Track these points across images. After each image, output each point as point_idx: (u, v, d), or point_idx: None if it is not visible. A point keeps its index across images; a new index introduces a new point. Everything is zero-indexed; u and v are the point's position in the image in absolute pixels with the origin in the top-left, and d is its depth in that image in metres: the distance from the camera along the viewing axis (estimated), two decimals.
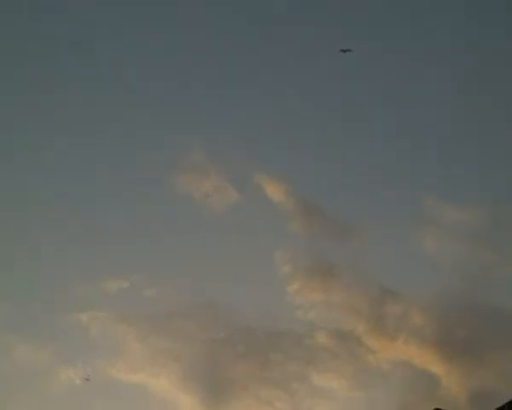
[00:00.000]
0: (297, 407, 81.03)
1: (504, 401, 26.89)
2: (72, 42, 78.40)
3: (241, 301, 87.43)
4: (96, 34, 79.76)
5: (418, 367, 65.34)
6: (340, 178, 77.27)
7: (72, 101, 78.53)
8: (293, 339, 74.30)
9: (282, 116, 78.54)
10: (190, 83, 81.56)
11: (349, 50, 55.71)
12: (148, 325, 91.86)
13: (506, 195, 71.88)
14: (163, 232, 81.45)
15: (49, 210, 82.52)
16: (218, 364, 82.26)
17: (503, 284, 61.86)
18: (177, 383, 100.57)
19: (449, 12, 73.58)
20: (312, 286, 75.89)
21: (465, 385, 60.44)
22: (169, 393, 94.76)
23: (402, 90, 76.60)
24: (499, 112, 71.26)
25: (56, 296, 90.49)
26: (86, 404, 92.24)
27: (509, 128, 69.75)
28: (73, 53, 79.42)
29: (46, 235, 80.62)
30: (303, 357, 75.83)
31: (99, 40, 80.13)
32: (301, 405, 77.89)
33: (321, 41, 76.87)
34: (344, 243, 79.58)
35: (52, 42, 79.84)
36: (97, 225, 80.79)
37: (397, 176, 75.67)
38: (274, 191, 73.91)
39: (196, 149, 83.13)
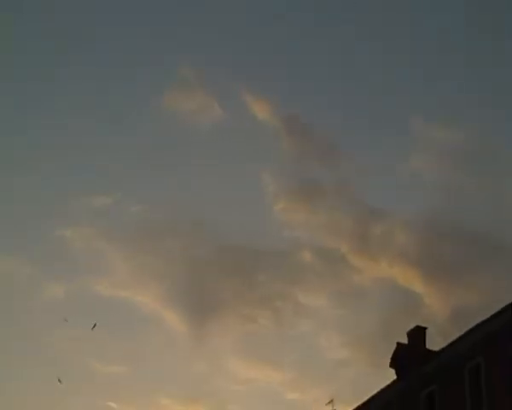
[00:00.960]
0: (281, 324, 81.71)
1: (481, 318, 27.50)
2: None
3: (227, 219, 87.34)
4: None
5: (401, 286, 66.04)
6: (326, 97, 76.84)
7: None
8: (277, 258, 74.53)
9: (268, 34, 76.99)
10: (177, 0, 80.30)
11: None
12: (133, 242, 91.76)
13: (493, 115, 72.01)
14: (149, 150, 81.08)
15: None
16: (202, 282, 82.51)
17: (487, 207, 62.43)
18: (161, 301, 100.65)
19: None
20: (298, 206, 76.15)
21: (446, 304, 61.16)
22: (154, 310, 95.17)
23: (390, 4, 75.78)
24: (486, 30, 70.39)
25: (41, 212, 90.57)
26: (70, 320, 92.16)
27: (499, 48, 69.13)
28: None
29: (31, 150, 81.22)
30: (287, 275, 76.22)
31: None
32: (285, 322, 78.53)
33: None
34: (330, 164, 79.94)
35: None
36: (83, 141, 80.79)
37: (384, 94, 74.86)
38: (260, 110, 73.49)
39: (183, 66, 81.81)
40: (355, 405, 34.35)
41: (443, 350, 29.90)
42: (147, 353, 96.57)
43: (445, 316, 59.61)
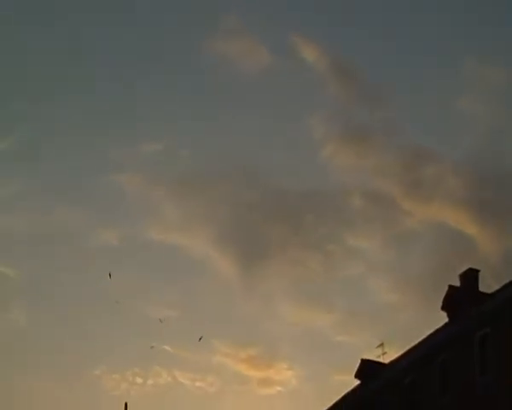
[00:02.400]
0: (330, 267, 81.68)
1: None
2: None
3: (276, 164, 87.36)
4: None
5: (452, 229, 65.21)
6: (376, 40, 75.54)
7: None
8: (327, 202, 74.21)
9: None
10: None
11: None
12: (184, 187, 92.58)
13: None
14: (197, 96, 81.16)
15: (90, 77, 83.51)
16: (252, 226, 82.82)
17: None
18: (212, 245, 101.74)
19: None
20: (346, 150, 75.47)
21: (499, 246, 60.22)
22: (204, 254, 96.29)
23: None
24: None
25: (94, 159, 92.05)
26: (123, 264, 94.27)
27: None
28: None
29: (84, 98, 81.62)
30: (337, 219, 75.91)
31: None
32: (335, 265, 78.50)
33: None
34: (379, 107, 78.66)
35: None
36: (137, 88, 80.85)
37: (437, 36, 73.28)
38: (309, 54, 72.44)
39: (230, 11, 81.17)
40: (405, 348, 34.09)
41: (496, 293, 29.33)
42: (198, 297, 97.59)
43: (498, 258, 58.54)
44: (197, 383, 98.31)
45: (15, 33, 79.55)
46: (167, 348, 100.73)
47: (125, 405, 61.44)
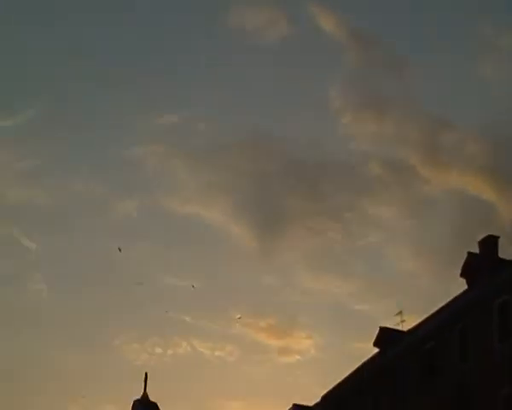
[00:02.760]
0: (349, 236, 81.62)
1: None
2: None
3: (294, 133, 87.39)
4: None
5: (472, 195, 64.94)
6: (393, 7, 75.19)
7: None
8: (345, 170, 73.99)
9: None
10: None
11: None
12: (202, 158, 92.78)
13: None
14: (217, 67, 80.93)
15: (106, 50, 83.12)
16: (270, 196, 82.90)
17: None
18: (230, 216, 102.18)
19: None
20: (365, 118, 75.05)
21: None
22: (223, 225, 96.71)
23: None
24: None
25: (112, 131, 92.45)
26: (142, 235, 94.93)
27: None
28: None
29: (100, 71, 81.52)
30: (355, 188, 75.67)
31: None
32: (353, 234, 78.37)
33: None
34: (397, 75, 78.11)
35: None
36: (153, 61, 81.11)
37: (451, 5, 72.69)
38: (328, 23, 72.55)
39: None
40: (425, 316, 34.00)
41: None
42: (217, 266, 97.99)
43: None
44: (216, 353, 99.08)
45: None
46: (186, 318, 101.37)
47: (145, 375, 61.92)
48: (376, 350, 36.80)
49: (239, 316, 48.01)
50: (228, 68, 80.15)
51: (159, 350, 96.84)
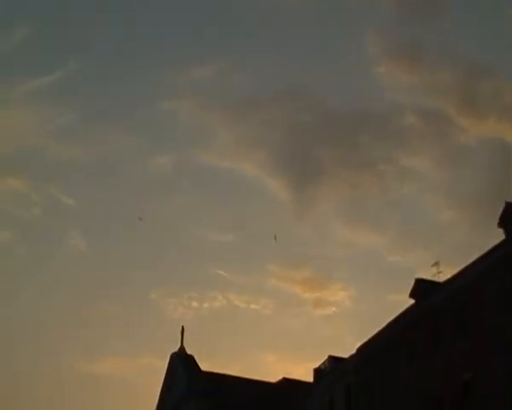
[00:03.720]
0: (384, 188, 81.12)
1: None
2: None
3: (328, 84, 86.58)
4: None
5: (509, 144, 63.91)
6: None
7: None
8: (380, 121, 73.32)
9: None
10: None
11: None
12: (235, 111, 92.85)
13: None
14: (249, 18, 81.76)
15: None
16: (304, 148, 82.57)
17: None
18: (265, 169, 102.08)
19: None
20: (400, 67, 74.20)
21: None
22: (257, 178, 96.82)
23: None
24: None
25: (149, 86, 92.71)
26: (177, 190, 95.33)
27: None
28: None
29: (137, 25, 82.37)
30: (390, 139, 75.13)
31: None
32: (388, 186, 77.89)
33: None
34: (433, 22, 76.83)
35: None
36: (188, 12, 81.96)
37: None
38: None
39: None
40: (461, 267, 33.56)
41: None
42: (252, 220, 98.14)
43: None
44: (252, 306, 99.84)
45: None
46: (222, 272, 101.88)
47: (182, 328, 62.71)
48: (412, 302, 36.55)
49: (275, 236, 47.94)
50: (262, 20, 79.44)
51: (195, 304, 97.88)
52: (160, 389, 63.04)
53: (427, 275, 36.26)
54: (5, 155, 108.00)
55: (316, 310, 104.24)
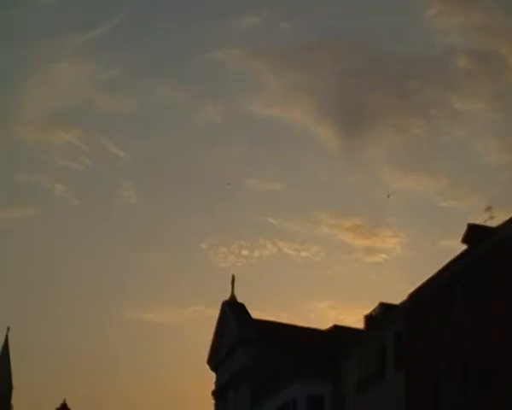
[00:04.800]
0: (435, 132, 79.70)
1: None
2: None
3: (377, 29, 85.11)
4: None
5: None
6: None
7: None
8: (431, 64, 71.81)
9: None
10: None
11: None
12: (283, 59, 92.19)
13: None
14: None
15: None
16: (353, 95, 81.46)
17: None
18: (313, 117, 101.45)
19: None
20: (452, 9, 72.34)
21: None
22: (306, 126, 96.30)
23: None
24: None
25: (194, 36, 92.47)
26: (227, 140, 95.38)
27: None
28: None
29: None
30: (441, 82, 73.52)
31: None
32: (439, 129, 76.52)
33: None
34: None
35: None
36: None
37: None
38: None
39: None
40: None
41: None
42: (301, 169, 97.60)
43: None
44: (302, 254, 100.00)
45: None
46: (271, 220, 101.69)
47: (233, 277, 63.14)
48: (464, 247, 35.99)
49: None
50: None
51: (245, 253, 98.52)
52: (212, 337, 63.96)
53: (480, 220, 35.65)
54: (57, 110, 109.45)
55: (366, 257, 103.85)
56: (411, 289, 39.37)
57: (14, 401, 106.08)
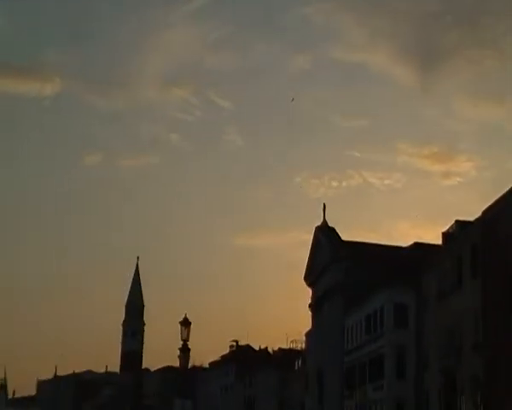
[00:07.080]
0: (506, 63, 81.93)
1: None
2: None
3: None
4: None
5: None
6: None
7: None
8: (502, 1, 73.32)
9: None
10: None
11: None
12: (366, 6, 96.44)
13: None
14: None
15: None
16: (429, 35, 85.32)
17: None
18: (392, 59, 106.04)
19: None
20: None
21: None
22: (385, 69, 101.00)
23: None
24: None
25: None
26: (316, 84, 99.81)
27: None
28: None
29: None
30: None
31: None
32: (510, 61, 78.76)
33: None
34: None
35: None
36: None
37: None
38: None
39: None
40: None
41: None
42: (382, 107, 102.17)
43: None
44: (385, 181, 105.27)
45: None
46: (357, 153, 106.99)
47: (324, 205, 68.98)
48: None
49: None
50: None
51: (335, 183, 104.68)
52: (307, 258, 70.41)
53: None
54: (170, 69, 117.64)
55: (443, 181, 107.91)
56: (484, 207, 42.42)
57: (145, 318, 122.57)
